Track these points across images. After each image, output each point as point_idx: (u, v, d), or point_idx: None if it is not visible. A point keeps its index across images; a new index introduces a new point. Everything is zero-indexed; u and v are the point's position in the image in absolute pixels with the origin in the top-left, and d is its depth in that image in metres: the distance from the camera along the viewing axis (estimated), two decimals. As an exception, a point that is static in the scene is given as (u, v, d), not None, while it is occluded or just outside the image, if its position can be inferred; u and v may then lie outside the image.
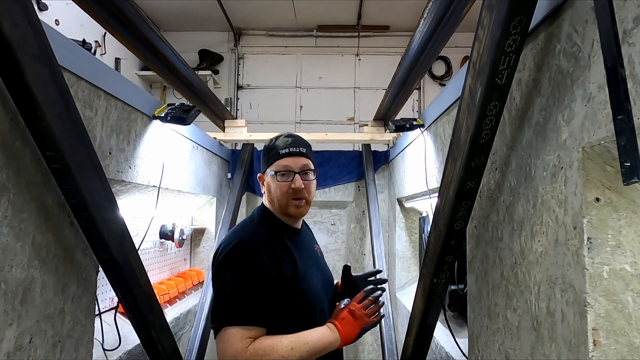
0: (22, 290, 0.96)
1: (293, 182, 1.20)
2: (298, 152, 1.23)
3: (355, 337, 1.18)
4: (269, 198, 1.26)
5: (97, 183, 1.07)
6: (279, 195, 1.21)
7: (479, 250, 1.26)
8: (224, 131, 3.04)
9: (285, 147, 1.23)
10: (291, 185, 1.20)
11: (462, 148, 0.97)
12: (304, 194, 1.22)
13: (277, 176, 1.21)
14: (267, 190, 1.26)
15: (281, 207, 1.23)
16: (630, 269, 0.73)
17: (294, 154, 1.23)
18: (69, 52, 1.13)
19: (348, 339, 1.17)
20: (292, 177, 1.21)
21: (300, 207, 1.23)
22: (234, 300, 1.06)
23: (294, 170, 1.21)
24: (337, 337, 1.14)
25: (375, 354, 3.18)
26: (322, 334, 1.13)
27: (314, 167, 1.27)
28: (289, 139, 1.26)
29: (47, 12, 2.98)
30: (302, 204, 1.23)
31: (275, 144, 1.25)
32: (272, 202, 1.25)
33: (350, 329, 1.17)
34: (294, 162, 1.21)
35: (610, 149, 0.70)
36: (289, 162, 1.21)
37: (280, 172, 1.21)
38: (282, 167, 1.21)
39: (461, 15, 1.47)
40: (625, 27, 0.64)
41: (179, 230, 2.44)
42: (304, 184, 1.21)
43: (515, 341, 1.00)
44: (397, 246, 2.88)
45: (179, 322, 2.24)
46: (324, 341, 1.12)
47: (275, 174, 1.22)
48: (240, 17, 4.50)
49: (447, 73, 4.73)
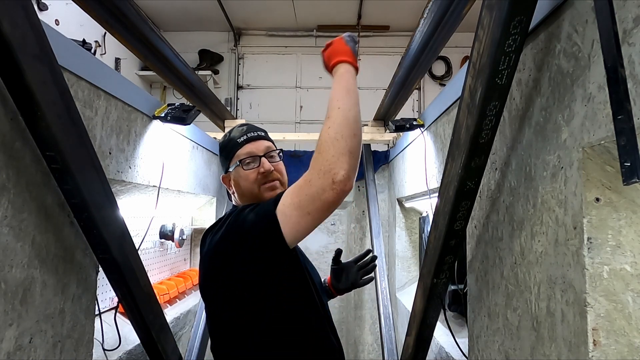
0: (22, 290, 0.96)
1: (261, 166, 1.14)
2: (257, 136, 1.18)
3: (348, 46, 1.06)
4: (239, 195, 1.18)
5: (97, 183, 1.07)
6: (249, 185, 1.14)
7: (479, 250, 1.26)
8: (224, 131, 3.04)
9: (241, 135, 1.17)
10: (259, 170, 1.13)
11: (462, 148, 0.97)
12: (276, 176, 1.16)
13: (242, 165, 1.14)
14: (236, 187, 1.18)
15: (255, 196, 1.14)
16: (630, 269, 0.73)
17: (253, 138, 1.17)
18: (69, 52, 1.13)
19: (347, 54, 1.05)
20: (259, 162, 1.14)
21: (275, 188, 1.15)
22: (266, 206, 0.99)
23: (257, 154, 1.15)
24: (344, 65, 1.03)
25: (375, 354, 3.18)
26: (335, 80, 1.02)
27: (276, 148, 1.20)
28: (243, 127, 1.21)
29: (47, 12, 2.98)
30: (277, 185, 1.16)
31: (231, 137, 1.19)
32: (243, 196, 1.16)
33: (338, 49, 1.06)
34: (255, 147, 1.16)
35: (610, 149, 0.70)
36: (251, 148, 1.15)
37: (244, 160, 1.14)
38: (245, 154, 1.15)
39: (461, 15, 1.47)
40: (625, 27, 0.64)
41: (179, 230, 2.44)
42: (272, 166, 1.15)
43: (515, 341, 1.00)
44: (397, 246, 2.88)
45: (179, 322, 2.24)
46: (336, 84, 1.01)
47: (240, 164, 1.14)
48: (240, 17, 4.50)
49: (447, 73, 4.73)
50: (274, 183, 1.15)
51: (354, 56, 1.05)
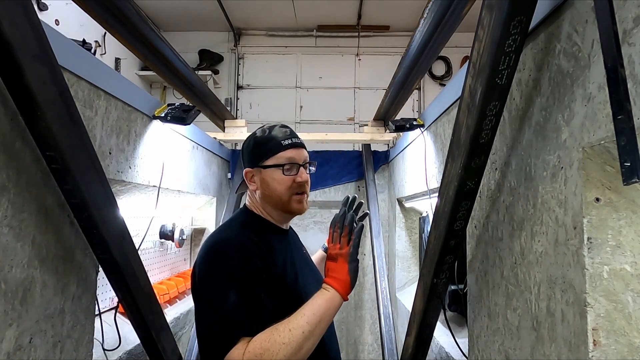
0: (22, 290, 0.96)
1: (298, 175, 1.12)
2: (300, 143, 1.16)
3: (349, 276, 1.03)
4: (262, 194, 1.15)
5: (97, 183, 1.07)
6: (281, 191, 1.12)
7: (479, 250, 1.26)
8: (224, 131, 3.04)
9: (286, 138, 1.14)
10: (296, 179, 1.11)
11: (462, 148, 0.97)
12: (307, 189, 1.16)
13: (283, 170, 1.11)
14: (262, 186, 1.14)
15: (283, 203, 1.13)
16: (630, 269, 0.73)
17: (297, 145, 1.14)
18: (69, 52, 1.13)
19: (343, 284, 1.03)
20: (297, 170, 1.12)
21: (302, 202, 1.15)
22: (240, 311, 0.96)
23: (298, 162, 1.13)
24: (332, 291, 1.02)
25: (375, 354, 3.19)
26: (315, 298, 1.01)
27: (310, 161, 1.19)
28: (287, 129, 1.17)
29: (47, 12, 2.98)
30: (304, 198, 1.15)
31: (273, 135, 1.15)
32: (268, 197, 1.14)
33: (338, 274, 1.03)
34: (297, 155, 1.13)
35: (610, 149, 0.70)
36: (294, 154, 1.13)
37: (284, 165, 1.11)
38: (287, 159, 1.12)
39: (461, 15, 1.47)
40: (625, 27, 0.64)
41: (179, 230, 2.44)
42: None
43: (515, 341, 1.00)
44: (397, 246, 2.88)
45: (179, 322, 2.24)
46: (320, 302, 0.99)
47: (280, 167, 1.11)
48: (240, 17, 4.50)
49: (447, 73, 4.73)
50: (303, 196, 1.15)
51: (349, 290, 1.04)
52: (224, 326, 0.96)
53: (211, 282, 1.01)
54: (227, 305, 0.97)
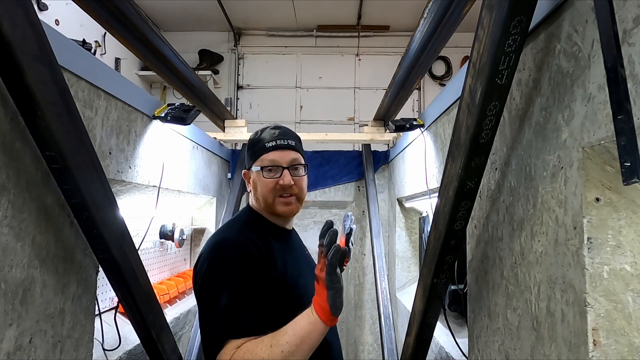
0: (22, 290, 0.96)
1: (281, 178, 1.10)
2: (286, 144, 1.13)
3: (327, 304, 0.92)
4: (254, 197, 1.17)
5: (97, 183, 1.07)
6: (265, 193, 1.12)
7: (479, 250, 1.26)
8: (224, 131, 3.04)
9: (271, 140, 1.13)
10: (279, 182, 1.10)
11: (462, 148, 0.97)
12: (294, 191, 1.13)
13: (263, 172, 1.11)
14: (253, 188, 1.16)
15: (268, 205, 1.13)
16: (630, 269, 0.73)
17: (282, 147, 1.12)
18: (69, 52, 1.13)
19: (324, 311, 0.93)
20: (280, 172, 1.11)
21: (289, 204, 1.13)
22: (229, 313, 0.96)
23: (281, 165, 1.11)
24: (314, 314, 0.94)
25: (375, 354, 3.19)
26: (302, 317, 0.95)
27: (304, 162, 1.17)
28: (276, 130, 1.15)
29: (47, 12, 2.98)
30: (292, 200, 1.13)
31: (261, 137, 1.14)
32: (257, 200, 1.15)
33: (320, 299, 0.94)
34: (281, 157, 1.12)
35: (610, 149, 0.70)
36: (276, 157, 1.11)
37: (266, 167, 1.11)
38: (269, 161, 1.11)
39: (461, 15, 1.47)
40: (625, 27, 0.64)
41: (179, 230, 2.44)
42: (293, 180, 1.11)
43: (515, 341, 1.00)
44: (397, 246, 2.88)
45: (179, 322, 2.24)
46: (303, 324, 0.94)
47: (261, 170, 1.11)
48: (240, 17, 4.50)
49: (447, 73, 4.73)
50: (290, 199, 1.13)
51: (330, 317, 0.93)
52: (215, 327, 0.98)
53: (208, 282, 1.02)
54: (219, 306, 0.97)
